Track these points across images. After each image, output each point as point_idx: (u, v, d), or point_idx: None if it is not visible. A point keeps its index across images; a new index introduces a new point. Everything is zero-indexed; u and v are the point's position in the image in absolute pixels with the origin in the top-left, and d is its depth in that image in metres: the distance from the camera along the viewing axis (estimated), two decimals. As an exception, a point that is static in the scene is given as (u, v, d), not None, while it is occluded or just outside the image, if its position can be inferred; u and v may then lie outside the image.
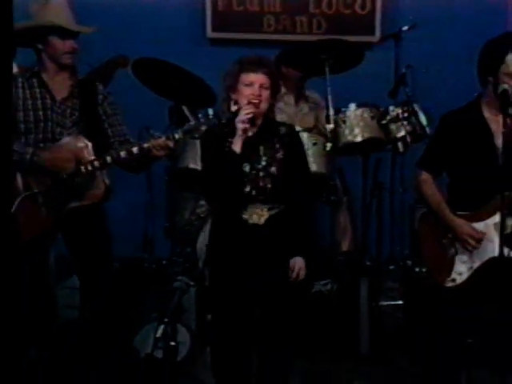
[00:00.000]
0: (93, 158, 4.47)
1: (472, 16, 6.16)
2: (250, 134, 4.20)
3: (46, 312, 5.02)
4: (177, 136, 4.36)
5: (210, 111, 4.76)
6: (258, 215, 4.26)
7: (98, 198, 4.60)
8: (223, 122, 4.33)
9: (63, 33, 4.54)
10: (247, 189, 4.22)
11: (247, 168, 4.22)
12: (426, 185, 4.32)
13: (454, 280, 4.21)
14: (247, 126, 4.14)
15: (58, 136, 4.59)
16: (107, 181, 4.63)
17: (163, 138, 4.36)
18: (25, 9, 4.60)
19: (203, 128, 4.32)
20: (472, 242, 4.16)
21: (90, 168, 4.46)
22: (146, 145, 4.38)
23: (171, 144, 4.36)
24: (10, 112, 2.47)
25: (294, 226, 4.27)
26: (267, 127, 4.29)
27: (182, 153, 5.33)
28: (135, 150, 4.40)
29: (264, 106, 4.20)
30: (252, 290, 4.22)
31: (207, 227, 4.87)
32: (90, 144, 4.50)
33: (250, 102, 4.15)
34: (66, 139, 4.56)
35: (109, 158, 4.44)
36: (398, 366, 5.19)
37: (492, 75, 4.13)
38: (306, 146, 4.69)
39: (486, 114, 4.22)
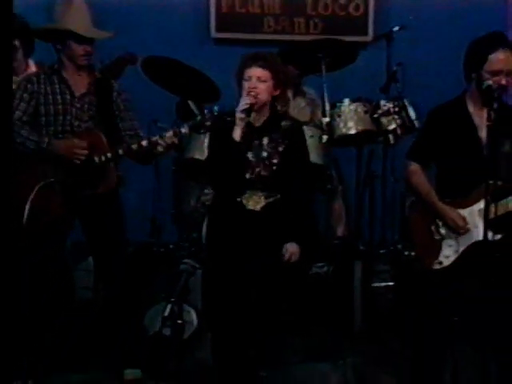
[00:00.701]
0: (106, 149, 4.51)
1: (459, 16, 6.16)
2: (256, 124, 4.23)
3: (64, 292, 5.06)
4: (183, 130, 4.40)
5: (216, 108, 4.76)
6: (255, 201, 4.29)
7: (111, 187, 4.63)
8: (227, 112, 4.36)
9: (80, 38, 4.56)
10: (248, 175, 4.25)
11: (250, 156, 4.25)
12: (416, 175, 4.32)
13: (441, 263, 4.22)
14: (243, 115, 4.19)
15: (76, 129, 4.62)
16: (119, 172, 4.68)
17: (171, 133, 4.39)
18: (50, 11, 4.67)
19: (208, 124, 4.36)
20: (458, 226, 4.18)
21: (103, 159, 4.49)
22: (154, 138, 4.42)
23: (176, 141, 4.40)
24: (10, 111, 2.40)
25: (289, 214, 4.29)
26: (273, 120, 4.31)
27: (188, 144, 5.34)
28: (144, 143, 4.44)
29: (262, 97, 4.23)
30: (248, 272, 4.25)
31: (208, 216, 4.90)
32: (104, 137, 4.53)
33: (247, 94, 4.18)
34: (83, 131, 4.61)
35: (120, 151, 4.49)
36: (389, 343, 5.21)
37: (476, 72, 4.14)
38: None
39: (471, 108, 4.22)
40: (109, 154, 4.50)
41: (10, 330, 2.57)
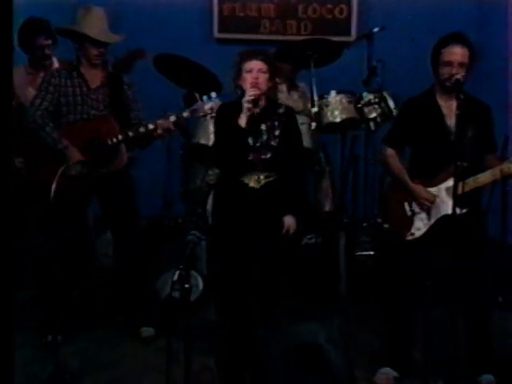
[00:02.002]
0: (117, 133, 4.54)
1: (432, 19, 6.15)
2: (255, 112, 4.24)
3: (85, 259, 5.08)
4: (185, 114, 4.52)
5: (213, 94, 4.77)
6: (255, 181, 4.30)
7: (121, 165, 4.68)
8: (232, 101, 4.37)
9: (94, 41, 4.58)
10: (250, 157, 4.26)
11: (251, 141, 4.26)
12: (391, 158, 4.31)
13: (413, 234, 4.23)
14: (251, 105, 4.18)
15: (92, 117, 4.64)
16: (129, 153, 4.74)
17: (174, 117, 4.49)
18: (72, 14, 4.69)
19: (206, 107, 4.40)
20: (427, 202, 4.19)
21: (114, 141, 4.54)
22: (151, 126, 4.51)
23: (172, 127, 4.49)
24: (10, 110, 2.36)
25: (286, 190, 4.31)
26: (269, 107, 4.32)
27: (194, 131, 5.35)
28: (151, 126, 4.51)
29: (263, 87, 4.24)
30: (251, 251, 4.28)
31: (212, 193, 4.91)
32: (115, 122, 4.58)
33: (252, 86, 4.18)
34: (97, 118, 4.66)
35: (130, 133, 4.54)
36: (369, 305, 5.23)
37: (437, 65, 4.16)
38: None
39: (439, 99, 4.22)
40: (120, 137, 4.54)
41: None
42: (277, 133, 4.31)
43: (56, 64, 5.13)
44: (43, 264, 4.86)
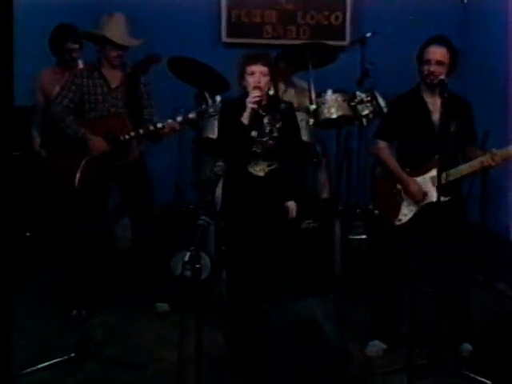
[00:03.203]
0: (129, 129, 4.56)
1: (418, 23, 6.13)
2: (258, 110, 4.23)
3: (106, 241, 5.08)
4: (191, 116, 4.52)
5: (218, 98, 4.79)
6: (259, 169, 4.31)
7: (134, 159, 4.69)
8: (235, 98, 4.35)
9: (114, 45, 4.59)
10: (254, 149, 4.26)
11: (254, 133, 4.25)
12: (382, 151, 4.30)
13: (400, 220, 4.23)
14: (255, 106, 4.17)
15: (110, 114, 4.66)
16: (140, 147, 4.76)
17: (181, 118, 4.50)
18: (96, 19, 4.72)
19: (211, 110, 4.45)
20: (416, 195, 4.17)
21: (127, 137, 4.54)
22: (159, 125, 4.51)
23: (177, 127, 4.51)
24: (9, 111, 2.33)
25: (287, 177, 4.31)
26: (271, 103, 4.32)
27: (203, 126, 5.34)
28: (159, 125, 4.52)
29: (265, 88, 4.24)
30: (256, 233, 4.30)
31: (222, 182, 4.90)
32: (128, 120, 4.59)
33: (255, 88, 4.17)
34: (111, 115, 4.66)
35: (141, 131, 4.54)
36: (362, 284, 5.23)
37: (420, 64, 4.15)
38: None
39: (425, 96, 4.21)
40: (132, 133, 4.54)
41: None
42: (278, 125, 4.31)
43: (80, 65, 5.11)
44: (68, 246, 4.86)
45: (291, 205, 4.33)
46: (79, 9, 5.80)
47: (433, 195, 4.01)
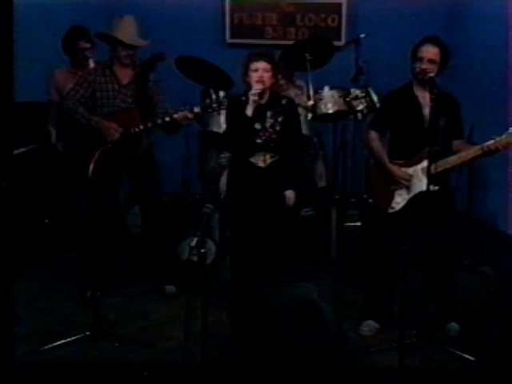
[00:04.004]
0: (139, 123, 4.54)
1: (410, 24, 6.10)
2: (262, 102, 4.21)
3: (119, 228, 5.08)
4: (196, 110, 4.52)
5: (221, 93, 4.79)
6: (262, 160, 4.30)
7: (142, 151, 4.67)
8: (241, 94, 4.34)
9: (125, 45, 4.58)
10: (257, 140, 4.25)
11: (258, 126, 4.24)
12: (373, 141, 4.27)
13: (393, 208, 4.21)
14: (256, 98, 4.17)
15: (120, 109, 4.66)
16: (149, 140, 4.73)
17: (186, 111, 4.48)
18: (109, 21, 4.71)
19: (214, 106, 4.48)
20: (402, 180, 4.15)
21: (136, 130, 4.53)
22: (175, 115, 4.51)
23: (190, 116, 4.49)
24: (9, 112, 2.30)
25: (287, 169, 4.30)
26: (273, 98, 4.30)
27: (208, 121, 5.34)
28: (167, 118, 4.51)
29: (267, 83, 4.22)
30: (259, 220, 4.29)
31: (226, 173, 4.89)
32: (137, 114, 4.58)
33: (257, 82, 4.16)
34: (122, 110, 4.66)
35: (149, 124, 4.54)
36: (356, 267, 5.23)
37: (412, 62, 4.14)
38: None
39: (416, 91, 4.18)
40: (141, 127, 4.53)
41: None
42: (280, 119, 4.30)
43: (92, 64, 5.12)
44: (83, 232, 4.85)
45: (289, 194, 4.33)
46: (93, 11, 5.82)
47: (423, 185, 3.99)
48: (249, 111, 4.18)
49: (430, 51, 4.08)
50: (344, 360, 3.85)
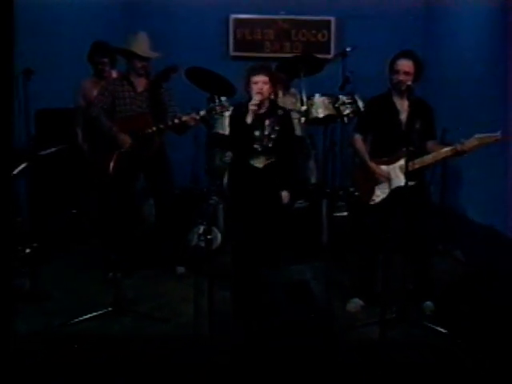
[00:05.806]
0: (152, 125, 4.54)
1: (390, 39, 6.07)
2: (261, 112, 4.21)
3: (134, 218, 5.08)
4: (201, 113, 4.51)
5: (223, 98, 4.79)
6: (259, 162, 4.29)
7: (156, 150, 4.66)
8: (242, 103, 4.32)
9: (139, 57, 4.59)
10: (255, 146, 4.24)
11: (257, 133, 4.23)
12: (356, 142, 4.28)
13: (373, 200, 4.21)
14: (256, 108, 4.15)
15: (136, 114, 4.67)
16: (162, 139, 4.71)
17: (193, 114, 4.48)
18: (124, 37, 4.72)
19: (217, 109, 4.47)
20: (380, 177, 4.16)
21: (149, 131, 4.53)
22: (184, 118, 4.50)
23: (197, 118, 4.49)
24: (9, 112, 2.26)
25: (282, 170, 4.29)
26: (271, 109, 4.29)
27: (214, 124, 5.33)
28: (176, 120, 4.51)
29: (266, 94, 4.20)
30: (257, 214, 4.28)
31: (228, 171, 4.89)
32: (151, 118, 4.58)
33: (256, 93, 4.15)
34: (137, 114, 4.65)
35: (161, 126, 4.53)
36: (344, 254, 5.20)
37: (391, 73, 4.13)
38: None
39: (394, 99, 4.18)
40: (154, 128, 4.53)
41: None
42: (277, 128, 4.27)
43: (114, 75, 5.14)
44: (105, 221, 4.86)
45: (284, 194, 4.33)
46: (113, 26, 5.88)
47: (401, 180, 3.99)
48: (249, 119, 4.17)
49: (405, 64, 4.07)
50: (333, 334, 3.85)
